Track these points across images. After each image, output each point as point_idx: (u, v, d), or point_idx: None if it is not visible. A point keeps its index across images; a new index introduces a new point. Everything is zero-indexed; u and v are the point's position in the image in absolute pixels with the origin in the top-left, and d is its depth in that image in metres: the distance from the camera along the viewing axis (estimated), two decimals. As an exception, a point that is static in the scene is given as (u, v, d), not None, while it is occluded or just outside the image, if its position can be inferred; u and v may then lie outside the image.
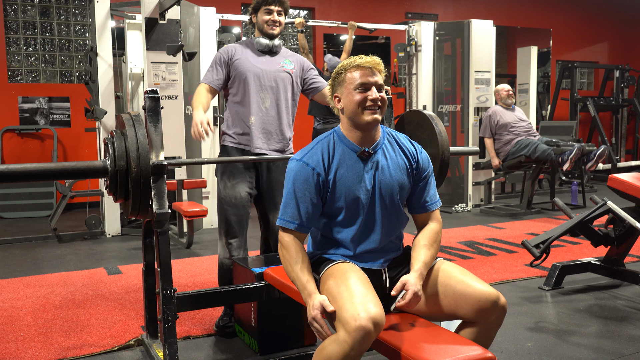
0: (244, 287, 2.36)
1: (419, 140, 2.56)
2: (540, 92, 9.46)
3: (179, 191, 4.90)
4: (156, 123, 2.18)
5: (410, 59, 6.71)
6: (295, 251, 1.82)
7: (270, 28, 2.82)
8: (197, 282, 3.70)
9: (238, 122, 2.80)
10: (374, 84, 1.84)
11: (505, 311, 1.75)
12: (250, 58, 2.82)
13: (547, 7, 10.11)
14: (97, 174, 2.11)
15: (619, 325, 2.85)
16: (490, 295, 1.72)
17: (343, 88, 1.87)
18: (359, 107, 1.82)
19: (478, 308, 1.72)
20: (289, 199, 1.86)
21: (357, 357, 1.59)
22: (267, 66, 2.82)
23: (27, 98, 6.93)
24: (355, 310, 1.59)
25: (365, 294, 1.67)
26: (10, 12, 6.96)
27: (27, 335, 2.80)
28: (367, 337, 1.56)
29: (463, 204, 6.62)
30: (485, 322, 1.73)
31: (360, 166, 1.87)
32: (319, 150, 1.88)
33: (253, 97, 2.77)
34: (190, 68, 5.42)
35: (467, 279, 1.78)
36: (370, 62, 1.85)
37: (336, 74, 1.90)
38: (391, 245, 1.96)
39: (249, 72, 2.78)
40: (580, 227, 3.28)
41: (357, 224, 1.89)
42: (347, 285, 1.71)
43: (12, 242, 5.07)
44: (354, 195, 1.86)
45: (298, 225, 1.84)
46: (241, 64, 2.80)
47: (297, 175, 1.85)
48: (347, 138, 1.89)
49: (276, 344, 2.51)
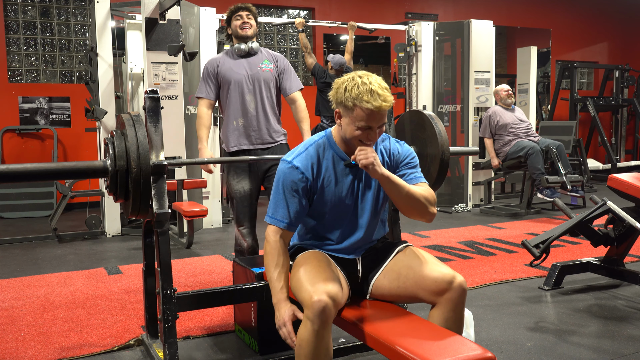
0: (244, 287, 2.37)
1: (419, 141, 2.56)
2: (540, 92, 9.46)
3: (179, 191, 4.90)
4: (156, 123, 2.19)
5: (410, 59, 6.71)
6: (278, 254, 1.92)
7: (243, 30, 3.10)
8: (197, 282, 3.71)
9: (230, 128, 3.09)
10: (377, 127, 1.83)
11: (464, 291, 1.80)
12: (233, 66, 3.09)
13: (547, 7, 10.11)
14: (98, 174, 2.11)
15: (618, 325, 2.85)
16: (445, 276, 1.80)
17: (347, 115, 1.84)
18: (355, 139, 1.86)
19: (435, 289, 1.80)
20: (278, 199, 1.94)
21: (322, 331, 1.70)
22: (248, 70, 3.08)
23: (28, 98, 6.93)
24: (311, 288, 1.73)
25: (321, 274, 1.80)
26: (10, 12, 6.96)
27: (27, 335, 2.80)
28: (325, 310, 1.69)
29: (463, 204, 6.62)
30: (445, 303, 1.80)
31: (346, 173, 1.97)
32: (309, 155, 1.95)
33: (238, 101, 3.05)
34: (190, 68, 5.42)
35: (427, 262, 1.87)
36: (382, 106, 1.78)
37: (345, 98, 1.81)
38: (370, 238, 2.07)
39: (232, 79, 3.06)
40: (580, 227, 3.28)
41: (341, 226, 2.01)
42: (307, 270, 1.84)
43: (12, 242, 5.07)
44: (339, 200, 1.97)
45: (288, 224, 1.93)
46: (225, 72, 3.08)
47: (287, 178, 1.93)
48: (338, 146, 1.96)
49: (276, 344, 2.51)
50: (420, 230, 5.28)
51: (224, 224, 5.84)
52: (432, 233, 5.19)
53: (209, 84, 3.10)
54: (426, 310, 2.74)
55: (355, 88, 1.79)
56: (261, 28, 8.31)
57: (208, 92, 3.10)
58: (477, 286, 3.52)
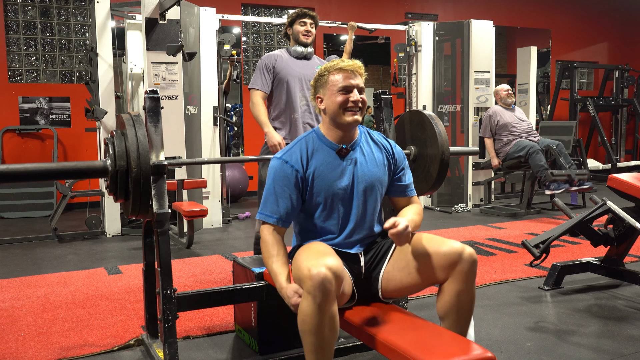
0: (244, 287, 2.37)
1: (419, 141, 2.56)
2: (540, 92, 9.46)
3: (179, 191, 4.90)
4: (156, 123, 2.19)
5: (410, 59, 6.71)
6: (272, 244, 1.94)
7: (305, 38, 3.36)
8: (197, 282, 3.71)
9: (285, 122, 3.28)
10: (355, 87, 1.95)
11: (475, 261, 1.81)
12: (290, 63, 3.33)
13: (547, 7, 10.11)
14: (98, 174, 2.11)
15: (618, 325, 2.85)
16: (454, 249, 1.81)
17: (326, 90, 1.98)
18: (340, 108, 1.95)
19: (446, 263, 1.80)
20: (269, 194, 1.98)
21: (325, 304, 1.67)
22: (305, 70, 3.33)
23: (28, 98, 6.93)
24: (311, 263, 1.72)
25: (322, 252, 1.80)
26: (10, 12, 6.96)
27: (27, 335, 2.80)
28: (325, 281, 1.66)
29: (463, 204, 6.62)
30: (457, 276, 1.79)
31: (338, 162, 2.00)
32: (297, 149, 2.00)
33: (296, 96, 3.27)
34: (190, 68, 5.42)
35: (433, 240, 1.89)
36: (352, 65, 1.96)
37: (319, 76, 2.01)
38: (369, 231, 2.08)
39: (290, 76, 3.28)
40: (580, 227, 3.28)
41: (336, 217, 2.01)
42: (306, 253, 1.84)
43: (12, 242, 5.07)
44: (333, 190, 1.98)
45: (277, 219, 1.96)
46: (282, 69, 3.29)
47: (277, 173, 1.97)
48: (326, 137, 2.02)
49: (276, 344, 2.52)
50: (420, 231, 5.26)
51: (224, 224, 5.84)
52: (432, 233, 5.18)
53: (265, 76, 3.29)
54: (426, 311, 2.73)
55: (325, 65, 2.01)
56: (261, 28, 8.31)
57: (264, 84, 3.29)
58: (477, 286, 3.52)
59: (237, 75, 6.79)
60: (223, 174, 5.92)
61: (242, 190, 7.22)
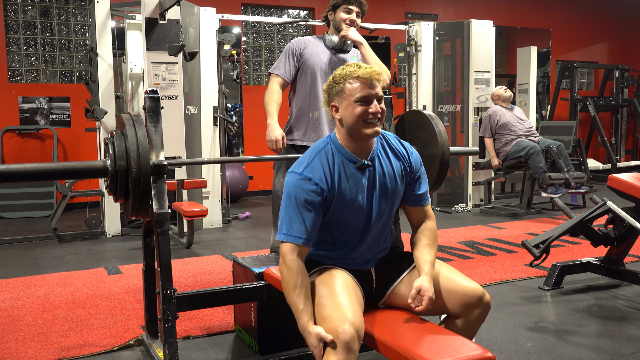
0: (244, 287, 2.36)
1: (419, 140, 2.56)
2: (540, 92, 9.46)
3: (179, 191, 4.90)
4: (156, 123, 2.18)
5: (410, 59, 6.71)
6: (297, 273, 1.77)
7: (347, 27, 2.91)
8: (197, 282, 3.71)
9: (302, 121, 2.93)
10: (375, 96, 1.80)
11: (489, 307, 1.82)
12: (321, 54, 2.91)
13: (547, 7, 10.11)
14: (97, 174, 2.11)
15: (618, 325, 2.85)
16: (475, 291, 1.79)
17: (342, 99, 1.82)
18: (359, 120, 1.79)
19: (464, 303, 1.79)
20: (293, 214, 1.80)
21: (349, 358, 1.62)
22: (337, 65, 2.88)
23: (28, 98, 6.93)
24: (336, 317, 1.64)
25: (348, 304, 1.71)
26: (10, 12, 6.96)
27: (27, 335, 2.80)
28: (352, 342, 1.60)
29: (463, 204, 6.62)
30: (469, 316, 1.80)
31: (358, 177, 1.86)
32: (319, 163, 1.84)
33: (320, 92, 2.84)
34: (190, 68, 5.42)
35: (454, 275, 1.86)
36: (371, 72, 1.80)
37: (334, 83, 1.84)
38: (381, 246, 2.01)
39: (318, 68, 2.89)
40: (580, 227, 3.28)
41: (354, 232, 1.91)
42: (333, 294, 1.75)
43: (12, 242, 5.07)
44: (353, 205, 1.86)
45: (305, 239, 1.80)
46: (310, 57, 2.90)
47: (299, 190, 1.80)
48: (345, 148, 1.87)
49: (276, 344, 2.52)
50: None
51: (224, 224, 5.84)
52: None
53: (289, 61, 2.92)
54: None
55: (341, 70, 1.84)
56: (261, 28, 8.31)
57: (285, 70, 2.91)
58: (477, 286, 3.52)
59: (237, 75, 6.78)
60: (223, 174, 5.92)
61: (242, 190, 7.22)
